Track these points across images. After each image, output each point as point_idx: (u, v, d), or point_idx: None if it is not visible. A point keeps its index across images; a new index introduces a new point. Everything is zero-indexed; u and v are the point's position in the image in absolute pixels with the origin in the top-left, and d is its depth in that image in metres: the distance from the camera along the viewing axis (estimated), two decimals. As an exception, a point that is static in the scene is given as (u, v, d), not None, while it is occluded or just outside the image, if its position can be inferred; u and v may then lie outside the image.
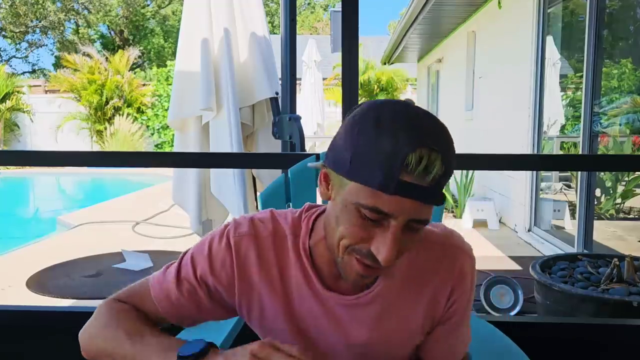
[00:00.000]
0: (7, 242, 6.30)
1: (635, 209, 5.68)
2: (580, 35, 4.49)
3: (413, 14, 7.84)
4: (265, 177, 2.63)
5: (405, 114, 0.74)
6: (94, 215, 7.44)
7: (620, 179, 5.44)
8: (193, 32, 2.51)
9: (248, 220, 0.92)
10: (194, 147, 2.59)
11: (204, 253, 0.91)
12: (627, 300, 2.23)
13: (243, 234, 0.91)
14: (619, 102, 5.51)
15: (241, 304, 0.92)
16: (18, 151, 6.44)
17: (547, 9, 5.16)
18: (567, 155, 4.83)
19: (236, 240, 0.90)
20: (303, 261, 0.90)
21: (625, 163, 2.28)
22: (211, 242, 0.92)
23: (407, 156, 0.70)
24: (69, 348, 1.91)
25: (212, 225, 2.72)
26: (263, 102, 2.67)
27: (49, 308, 2.05)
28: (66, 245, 5.55)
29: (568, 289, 2.38)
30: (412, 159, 0.70)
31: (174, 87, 2.63)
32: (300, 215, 0.92)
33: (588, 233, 4.25)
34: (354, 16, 1.74)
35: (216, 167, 2.48)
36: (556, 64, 5.52)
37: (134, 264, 2.01)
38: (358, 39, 1.77)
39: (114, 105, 14.95)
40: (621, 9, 5.44)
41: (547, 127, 5.53)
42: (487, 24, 6.96)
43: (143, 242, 5.71)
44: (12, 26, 24.41)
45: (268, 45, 2.64)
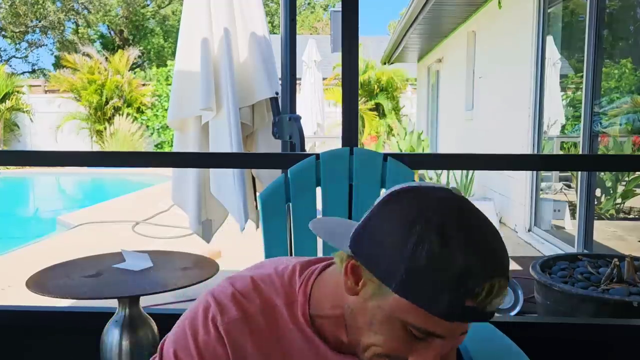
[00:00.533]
0: (7, 242, 6.31)
1: (635, 209, 5.68)
2: (581, 35, 4.49)
3: (413, 14, 7.84)
4: (265, 177, 2.63)
5: (469, 227, 0.69)
6: (94, 215, 7.44)
7: (620, 179, 5.44)
8: (193, 32, 2.51)
9: (230, 298, 0.83)
10: (193, 147, 2.59)
11: (189, 349, 0.80)
12: (628, 301, 2.23)
13: (232, 319, 0.82)
14: (619, 102, 5.51)
15: None
16: (18, 151, 6.44)
17: (547, 8, 5.16)
18: (567, 155, 4.83)
19: (226, 329, 0.81)
20: (306, 331, 0.84)
21: (625, 163, 2.28)
22: (195, 334, 0.81)
23: (482, 285, 0.65)
24: (69, 348, 1.91)
25: (212, 225, 2.71)
26: (263, 102, 2.67)
27: (49, 308, 2.05)
28: (66, 245, 5.55)
29: (568, 289, 2.38)
30: (485, 288, 0.66)
31: (173, 87, 2.62)
32: (292, 281, 0.85)
33: (588, 233, 4.25)
34: (354, 16, 1.74)
35: (216, 167, 2.48)
36: (556, 64, 5.52)
37: (134, 264, 2.00)
38: (358, 39, 1.76)
39: (114, 105, 14.96)
40: (621, 9, 5.44)
41: (547, 127, 5.53)
42: (487, 24, 6.96)
43: (143, 242, 5.71)
44: (12, 26, 24.40)
45: (268, 45, 2.64)
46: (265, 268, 0.89)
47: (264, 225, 1.45)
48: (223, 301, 0.82)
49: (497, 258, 0.68)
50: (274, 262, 0.91)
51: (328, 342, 0.84)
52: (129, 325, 1.82)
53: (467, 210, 0.71)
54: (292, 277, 0.85)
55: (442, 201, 0.71)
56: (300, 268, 0.87)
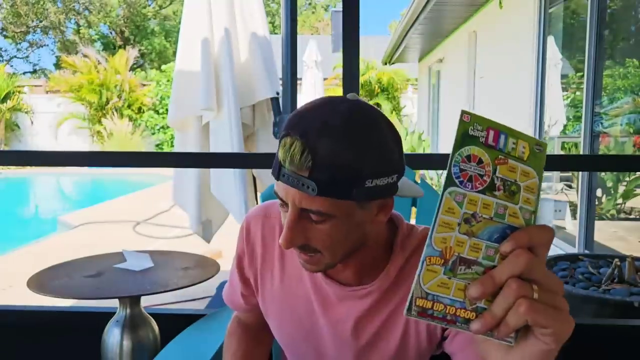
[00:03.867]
0: (8, 242, 6.31)
1: (636, 209, 5.67)
2: (582, 35, 4.49)
3: (414, 14, 7.84)
4: (266, 177, 2.63)
5: (304, 108, 0.75)
6: (95, 215, 7.45)
7: (621, 179, 5.43)
8: (193, 32, 2.51)
9: (269, 202, 0.98)
10: (194, 147, 2.59)
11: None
12: (628, 301, 2.22)
13: (254, 214, 0.97)
14: (620, 102, 5.50)
15: (251, 282, 0.99)
16: (18, 151, 6.44)
17: (548, 8, 5.16)
18: (568, 155, 4.83)
19: (247, 221, 0.97)
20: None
21: (626, 163, 2.28)
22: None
23: (279, 148, 0.73)
24: (70, 348, 1.91)
25: (212, 226, 2.71)
26: (263, 102, 2.67)
27: (50, 308, 2.05)
28: (67, 245, 5.55)
29: (569, 289, 2.38)
30: (281, 149, 0.72)
31: (174, 87, 2.62)
32: None
33: (589, 233, 4.25)
34: (355, 16, 1.74)
35: (216, 167, 2.48)
36: (557, 64, 5.52)
37: (135, 264, 2.01)
38: (359, 39, 1.76)
39: (114, 105, 14.96)
40: (622, 8, 5.44)
41: (548, 127, 5.53)
42: (488, 24, 6.96)
43: (144, 242, 5.71)
44: (13, 26, 24.42)
45: (269, 45, 2.64)
46: None
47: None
48: (263, 203, 1.00)
49: (294, 122, 0.73)
50: None
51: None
52: (129, 325, 1.82)
53: (322, 100, 0.76)
54: None
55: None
56: None
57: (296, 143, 0.70)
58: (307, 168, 0.70)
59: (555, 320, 0.49)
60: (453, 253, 0.50)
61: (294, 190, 0.72)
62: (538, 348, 0.51)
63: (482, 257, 0.50)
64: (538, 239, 0.50)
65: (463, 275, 0.50)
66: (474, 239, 0.50)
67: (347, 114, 0.72)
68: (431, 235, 0.50)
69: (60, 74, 16.78)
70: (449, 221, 0.50)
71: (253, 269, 0.97)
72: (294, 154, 0.70)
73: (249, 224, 0.97)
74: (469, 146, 0.50)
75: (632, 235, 5.27)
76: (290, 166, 0.71)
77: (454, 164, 0.50)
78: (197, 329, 1.40)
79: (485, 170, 0.50)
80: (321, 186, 0.70)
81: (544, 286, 0.50)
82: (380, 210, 0.78)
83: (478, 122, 0.50)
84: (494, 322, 0.50)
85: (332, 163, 0.69)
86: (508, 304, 0.49)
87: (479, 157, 0.50)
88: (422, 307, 0.50)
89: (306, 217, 0.75)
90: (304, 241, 0.76)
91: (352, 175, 0.70)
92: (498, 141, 0.51)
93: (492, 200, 0.50)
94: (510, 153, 0.51)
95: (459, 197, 0.50)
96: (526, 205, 0.51)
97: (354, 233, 0.78)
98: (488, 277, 0.50)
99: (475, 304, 0.50)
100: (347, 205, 0.73)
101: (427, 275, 0.50)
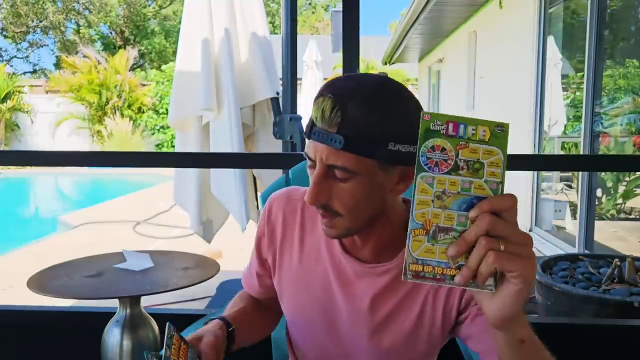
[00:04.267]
0: (9, 242, 6.31)
1: (636, 209, 5.67)
2: (582, 35, 4.49)
3: (414, 14, 7.84)
4: (266, 177, 2.63)
5: (338, 77, 0.83)
6: (95, 215, 7.45)
7: (621, 179, 5.43)
8: (194, 32, 2.51)
9: (292, 187, 1.04)
10: (194, 147, 2.59)
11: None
12: (628, 301, 2.22)
13: (277, 196, 1.02)
14: (620, 102, 5.50)
15: (269, 262, 1.02)
16: (18, 151, 6.44)
17: (548, 8, 5.16)
18: (568, 156, 4.83)
19: (270, 202, 1.02)
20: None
21: (626, 163, 2.27)
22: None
23: (313, 108, 0.79)
24: (70, 348, 1.91)
25: (212, 226, 2.71)
26: (264, 102, 2.67)
27: (50, 308, 2.05)
28: (67, 245, 5.56)
29: (569, 289, 2.38)
30: (314, 108, 0.79)
31: (174, 87, 2.62)
32: None
33: (589, 233, 4.25)
34: (355, 16, 1.74)
35: (217, 167, 2.48)
36: (557, 64, 5.51)
37: (135, 264, 2.00)
38: (359, 39, 1.76)
39: (114, 105, 14.96)
40: (622, 8, 5.44)
41: (548, 127, 5.53)
42: (488, 24, 6.96)
43: (144, 242, 5.72)
44: (13, 26, 24.42)
45: (269, 45, 2.64)
46: None
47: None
48: (283, 189, 1.04)
49: (328, 85, 0.80)
50: None
51: (342, 243, 0.94)
52: (129, 325, 1.82)
53: (352, 74, 0.85)
54: None
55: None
56: None
57: (328, 101, 0.77)
58: (335, 124, 0.76)
59: (519, 265, 0.60)
60: (432, 224, 0.62)
61: (323, 146, 0.78)
62: (511, 289, 0.62)
63: (456, 224, 0.62)
64: (500, 205, 0.60)
65: (443, 240, 0.62)
66: (447, 210, 0.62)
67: (378, 82, 0.80)
68: (412, 212, 0.62)
69: (60, 74, 16.78)
70: (424, 199, 0.62)
71: (272, 248, 1.00)
72: (325, 110, 0.77)
73: (271, 205, 1.01)
74: (432, 138, 0.61)
75: (632, 235, 5.27)
76: (321, 123, 0.78)
77: (421, 155, 0.62)
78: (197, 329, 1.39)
79: (448, 155, 0.61)
80: (347, 141, 0.76)
81: (510, 239, 0.60)
82: (400, 179, 0.83)
83: (438, 119, 0.62)
84: (470, 274, 0.61)
85: (359, 121, 0.76)
86: (480, 256, 0.60)
87: (442, 146, 0.61)
88: (415, 271, 0.62)
89: (332, 176, 0.80)
90: (327, 200, 0.81)
91: (377, 135, 0.77)
92: (458, 130, 0.61)
93: (458, 179, 0.61)
94: (471, 138, 0.61)
95: (429, 179, 0.62)
96: (492, 177, 0.61)
97: (374, 196, 0.82)
98: (461, 239, 0.61)
99: (457, 262, 0.62)
100: (370, 164, 0.79)
101: (415, 245, 0.62)
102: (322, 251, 0.96)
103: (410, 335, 0.91)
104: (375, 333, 0.93)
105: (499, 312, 0.64)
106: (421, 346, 0.92)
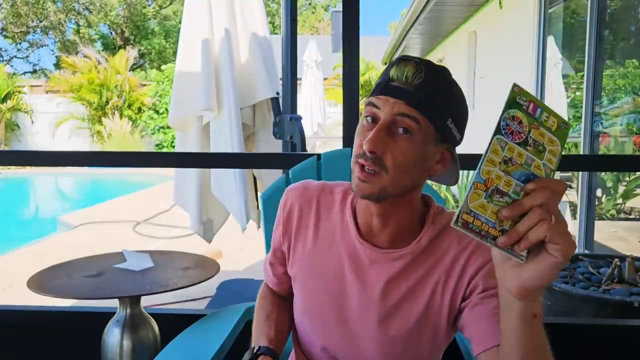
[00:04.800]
0: (9, 242, 6.31)
1: (636, 209, 5.67)
2: (582, 35, 4.49)
3: (414, 14, 7.84)
4: (266, 177, 2.63)
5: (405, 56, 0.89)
6: (95, 215, 7.45)
7: (621, 179, 5.43)
8: (194, 32, 2.51)
9: (308, 180, 1.07)
10: (194, 147, 2.59)
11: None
12: (628, 301, 2.22)
13: (294, 187, 1.05)
14: (620, 102, 5.50)
15: (284, 249, 1.04)
16: (18, 151, 6.44)
17: (548, 8, 5.16)
18: (568, 155, 4.83)
19: (287, 193, 1.05)
20: (345, 212, 0.99)
21: (626, 163, 2.28)
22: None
23: (393, 67, 0.85)
24: (70, 348, 1.91)
25: (213, 226, 2.71)
26: (264, 102, 2.67)
27: (50, 308, 2.05)
28: (67, 245, 5.55)
29: (569, 289, 2.38)
30: (396, 68, 0.85)
31: (174, 87, 2.62)
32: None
33: (589, 233, 4.25)
34: (355, 16, 1.74)
35: (217, 167, 2.48)
36: (557, 64, 5.52)
37: (135, 264, 2.01)
38: (359, 39, 1.76)
39: (114, 105, 14.96)
40: (622, 8, 5.44)
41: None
42: (488, 24, 6.96)
43: (144, 242, 5.71)
44: (13, 26, 24.42)
45: (269, 45, 2.64)
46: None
47: (266, 225, 1.45)
48: (300, 182, 1.07)
49: (411, 56, 0.87)
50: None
51: (359, 229, 0.97)
52: (130, 325, 1.82)
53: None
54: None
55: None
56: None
57: (411, 63, 0.84)
58: (414, 85, 0.83)
59: (565, 239, 0.64)
60: (493, 183, 0.66)
61: (395, 100, 0.84)
62: (550, 261, 0.65)
63: (512, 191, 0.66)
64: (555, 186, 0.66)
65: (497, 202, 0.66)
66: (508, 176, 0.66)
67: (448, 70, 0.89)
68: (480, 166, 0.66)
69: (60, 74, 16.76)
70: (493, 159, 0.66)
71: (287, 236, 1.03)
72: (408, 70, 0.84)
73: (288, 195, 1.05)
74: (515, 109, 0.67)
75: (632, 235, 5.27)
76: (400, 82, 0.84)
77: (502, 119, 0.67)
78: (197, 329, 1.39)
79: (523, 129, 0.67)
80: (423, 100, 0.83)
81: (557, 217, 0.65)
82: (441, 159, 0.90)
83: (524, 95, 0.68)
84: (517, 237, 0.65)
85: (436, 88, 0.84)
86: (532, 222, 0.64)
87: (520, 119, 0.67)
88: (466, 220, 0.66)
89: (393, 132, 0.84)
90: (381, 152, 0.84)
91: (445, 106, 0.85)
92: (535, 112, 0.68)
93: (524, 152, 0.67)
94: (543, 123, 0.68)
95: (503, 143, 0.66)
96: (548, 163, 0.67)
97: (420, 164, 0.87)
98: (517, 203, 0.65)
99: (502, 226, 0.66)
100: (430, 131, 0.85)
101: (473, 197, 0.66)
102: (337, 237, 0.98)
103: (417, 323, 0.93)
104: (385, 319, 0.94)
105: (530, 282, 0.67)
106: (426, 335, 0.94)
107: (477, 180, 0.66)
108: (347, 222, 0.98)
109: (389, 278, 0.94)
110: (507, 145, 0.66)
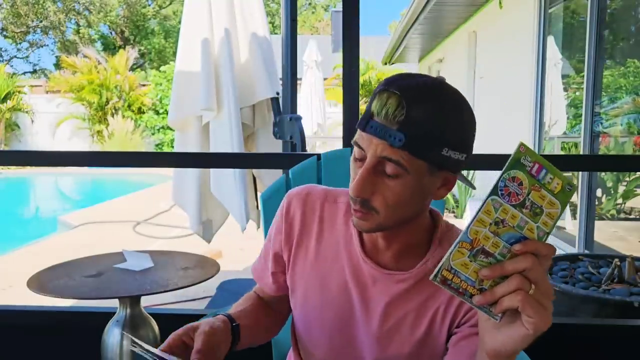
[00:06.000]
0: (9, 242, 6.31)
1: (636, 209, 5.67)
2: (582, 35, 4.49)
3: (414, 14, 7.84)
4: (266, 178, 2.63)
5: (400, 74, 0.82)
6: (95, 215, 7.45)
7: (621, 179, 5.43)
8: (194, 32, 2.51)
9: (311, 185, 1.03)
10: (194, 147, 2.59)
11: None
12: (628, 301, 2.22)
13: (296, 192, 1.01)
14: (620, 102, 5.50)
15: (285, 258, 1.01)
16: (18, 151, 6.44)
17: (548, 8, 5.16)
18: (568, 156, 4.83)
19: (289, 198, 1.01)
20: (349, 225, 0.96)
21: (626, 163, 2.28)
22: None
23: (375, 98, 0.79)
24: (70, 348, 1.91)
25: (212, 226, 2.71)
26: (264, 102, 2.67)
27: (50, 308, 2.05)
28: (67, 245, 5.55)
29: (569, 289, 2.38)
30: (376, 102, 0.78)
31: (174, 87, 2.62)
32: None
33: (589, 233, 4.25)
34: (355, 16, 1.74)
35: (216, 167, 2.48)
36: (557, 64, 5.51)
37: (135, 264, 2.00)
38: (359, 39, 1.76)
39: (114, 105, 14.96)
40: (622, 8, 5.44)
41: (548, 127, 5.53)
42: (488, 24, 6.96)
43: (144, 242, 5.71)
44: (13, 26, 24.41)
45: (269, 45, 2.64)
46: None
47: (265, 225, 1.45)
48: (302, 186, 1.03)
49: (393, 81, 0.79)
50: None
51: (363, 245, 0.94)
52: (129, 325, 1.82)
53: (413, 73, 0.85)
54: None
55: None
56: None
57: (393, 97, 0.77)
58: (397, 122, 0.76)
59: (539, 314, 0.63)
60: (480, 244, 0.65)
61: (379, 140, 0.78)
62: (520, 332, 0.65)
63: (498, 252, 0.65)
64: (543, 250, 0.65)
65: (480, 262, 0.66)
66: (497, 237, 0.65)
67: (442, 86, 0.81)
68: (469, 226, 0.65)
69: (60, 74, 16.76)
70: (484, 219, 0.65)
71: (288, 245, 1.00)
72: (389, 106, 0.76)
73: (290, 202, 1.00)
74: (517, 170, 0.65)
75: (632, 235, 5.27)
76: (381, 118, 0.77)
77: (501, 180, 0.65)
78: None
79: (522, 191, 0.65)
80: (407, 140, 0.76)
81: (539, 287, 0.64)
82: (443, 184, 0.84)
83: (529, 156, 0.65)
84: (491, 299, 0.65)
85: (421, 123, 0.76)
86: (509, 289, 0.64)
87: (521, 180, 0.65)
88: (445, 277, 0.66)
89: (380, 171, 0.80)
90: (370, 195, 0.81)
91: (435, 138, 0.77)
92: (539, 174, 0.66)
93: (519, 214, 0.65)
94: (545, 185, 0.66)
95: (497, 204, 0.65)
96: (543, 226, 0.66)
97: (416, 198, 0.82)
98: (499, 266, 0.65)
99: (482, 285, 0.66)
100: (422, 165, 0.79)
101: (456, 255, 0.65)
102: (341, 251, 0.95)
103: (416, 344, 0.92)
104: (384, 339, 0.93)
105: (499, 346, 0.67)
106: (426, 357, 0.93)
107: (464, 240, 0.65)
108: (352, 237, 0.95)
109: (391, 299, 0.92)
110: (502, 207, 0.65)
